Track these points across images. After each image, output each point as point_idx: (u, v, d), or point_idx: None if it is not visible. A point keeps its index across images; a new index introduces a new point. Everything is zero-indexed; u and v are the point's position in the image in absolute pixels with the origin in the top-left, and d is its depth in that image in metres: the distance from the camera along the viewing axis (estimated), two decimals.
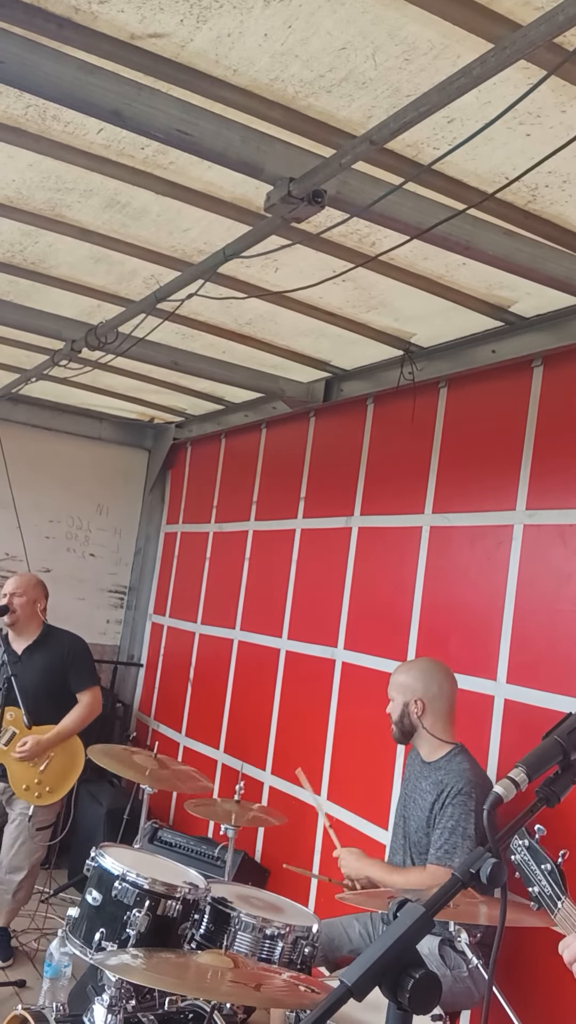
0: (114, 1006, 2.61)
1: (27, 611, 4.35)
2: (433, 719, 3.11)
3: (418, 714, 3.11)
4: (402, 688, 3.16)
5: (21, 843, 4.18)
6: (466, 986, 2.82)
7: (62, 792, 4.22)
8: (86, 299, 3.88)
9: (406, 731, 3.16)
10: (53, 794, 4.19)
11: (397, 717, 3.16)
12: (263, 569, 5.16)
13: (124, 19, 2.01)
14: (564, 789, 1.41)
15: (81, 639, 4.51)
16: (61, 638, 4.44)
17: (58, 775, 4.21)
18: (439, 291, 3.22)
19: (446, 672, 3.20)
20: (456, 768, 2.99)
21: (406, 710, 3.13)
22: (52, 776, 4.20)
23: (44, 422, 6.18)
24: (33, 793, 4.16)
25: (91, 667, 4.49)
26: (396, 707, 3.17)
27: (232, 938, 2.72)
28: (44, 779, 4.17)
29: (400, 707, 3.15)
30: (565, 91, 2.02)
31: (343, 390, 4.49)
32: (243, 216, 2.84)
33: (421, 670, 3.21)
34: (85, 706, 4.32)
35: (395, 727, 3.19)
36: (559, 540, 3.24)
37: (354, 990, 1.15)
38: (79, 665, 4.39)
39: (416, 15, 1.85)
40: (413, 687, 3.14)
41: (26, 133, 2.56)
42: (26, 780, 4.16)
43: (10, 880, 4.19)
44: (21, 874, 4.18)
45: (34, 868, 4.25)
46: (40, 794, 4.17)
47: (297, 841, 4.34)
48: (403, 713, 3.14)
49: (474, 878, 1.27)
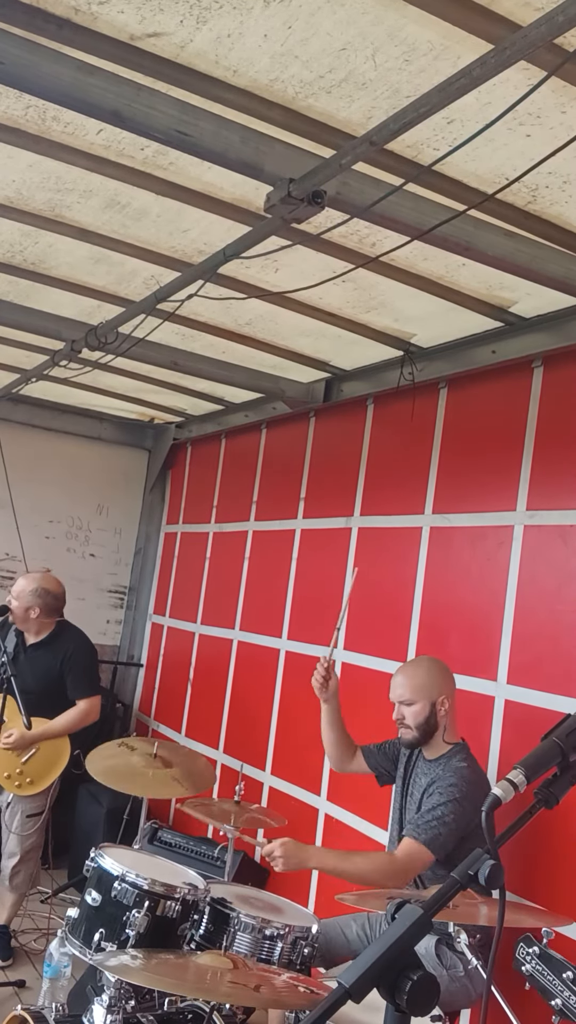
0: (113, 1006, 2.61)
1: (21, 616, 4.32)
2: (450, 716, 3.07)
3: (446, 711, 3.02)
4: (425, 689, 3.04)
5: (12, 831, 4.19)
6: (462, 985, 2.81)
7: (43, 785, 4.19)
8: (86, 299, 3.88)
9: (430, 732, 3.04)
10: (34, 786, 4.17)
11: (422, 719, 3.03)
12: (263, 569, 5.16)
13: (124, 20, 2.01)
14: (563, 791, 1.41)
15: (88, 645, 4.44)
16: (67, 642, 4.37)
17: (41, 768, 4.19)
18: (439, 292, 3.22)
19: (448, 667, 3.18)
20: (454, 766, 2.97)
21: (433, 710, 3.02)
22: (34, 768, 4.18)
23: (44, 422, 6.18)
24: (13, 782, 4.16)
25: (91, 676, 4.43)
26: (420, 709, 3.03)
27: (231, 939, 2.72)
28: (26, 770, 4.16)
29: (427, 708, 3.02)
30: (565, 92, 2.02)
31: (343, 390, 4.49)
32: (243, 217, 2.84)
33: (437, 667, 3.13)
34: (80, 712, 4.27)
35: (416, 731, 3.04)
36: (559, 541, 3.24)
37: (352, 992, 1.15)
38: (77, 673, 4.32)
39: (416, 16, 1.85)
40: (439, 685, 3.05)
41: (26, 134, 2.56)
42: (7, 769, 4.16)
43: (6, 866, 4.21)
44: (14, 859, 4.19)
45: (28, 854, 4.22)
46: (20, 784, 4.16)
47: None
48: (430, 714, 3.02)
49: (472, 880, 1.27)
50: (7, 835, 4.23)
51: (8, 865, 4.20)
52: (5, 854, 4.23)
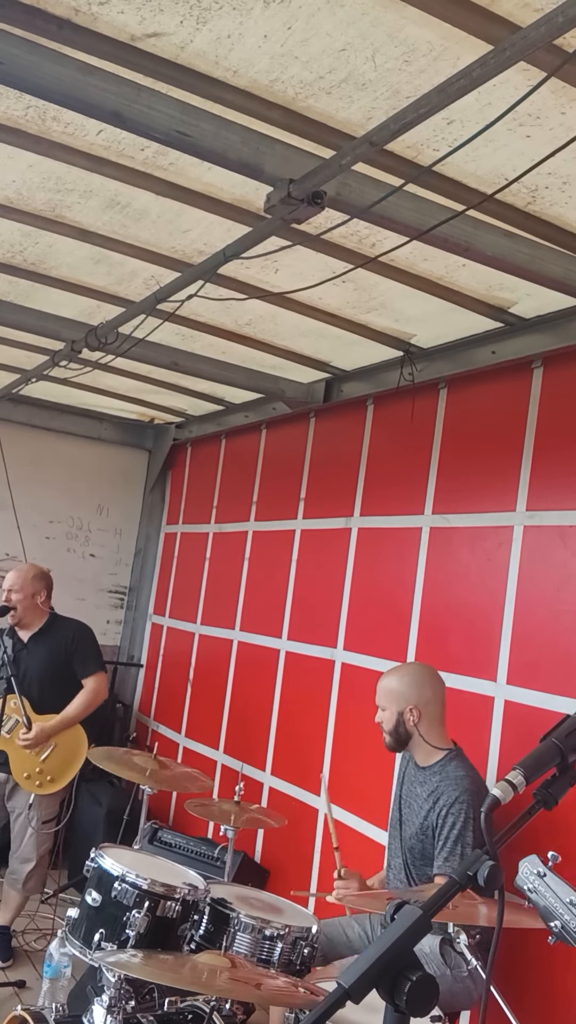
0: (113, 1007, 2.61)
1: (26, 605, 4.35)
2: (428, 725, 3.05)
3: (414, 722, 3.04)
4: (394, 697, 3.08)
5: (29, 836, 4.20)
6: (465, 986, 2.81)
7: (63, 782, 4.20)
8: (86, 300, 3.88)
9: (402, 740, 3.08)
10: (54, 783, 4.18)
11: (392, 727, 3.08)
12: (263, 570, 5.16)
13: (124, 20, 2.01)
14: (561, 791, 1.41)
15: (86, 626, 4.52)
16: (66, 625, 4.45)
17: (60, 765, 4.20)
18: (439, 292, 3.22)
19: (434, 675, 3.15)
20: (451, 775, 2.95)
21: (401, 719, 3.05)
22: (54, 765, 4.19)
23: (44, 422, 6.18)
24: (34, 782, 4.16)
25: (96, 653, 4.48)
26: (390, 716, 3.08)
27: (231, 939, 2.72)
28: (46, 768, 4.17)
29: (395, 716, 3.07)
30: (565, 93, 2.02)
31: (343, 391, 4.49)
32: (243, 217, 2.84)
33: (412, 676, 3.13)
34: (90, 692, 4.31)
35: (389, 736, 3.10)
36: (559, 541, 3.24)
37: (351, 992, 1.15)
38: (84, 651, 4.39)
39: (416, 17, 1.85)
40: (406, 695, 3.07)
41: (26, 134, 2.56)
42: (27, 769, 4.16)
43: (20, 870, 4.22)
44: (30, 865, 4.21)
45: (43, 859, 4.27)
46: (41, 783, 4.16)
47: (297, 841, 4.34)
48: (398, 722, 3.06)
49: (472, 880, 1.27)
50: (21, 839, 4.23)
51: (24, 870, 4.21)
52: (19, 858, 4.23)
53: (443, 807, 2.89)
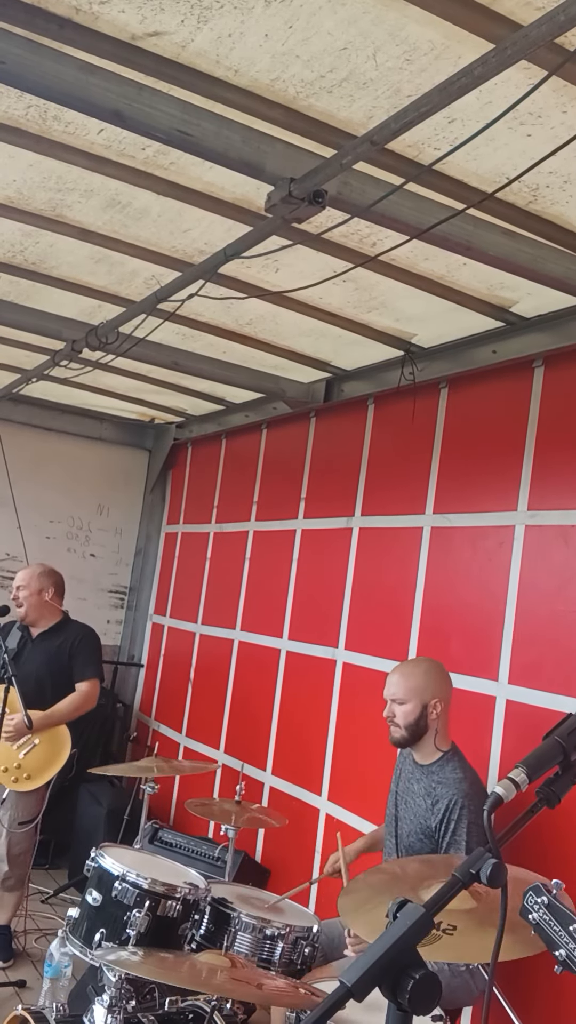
0: (114, 1006, 2.61)
1: (34, 602, 4.39)
2: (443, 720, 3.05)
3: (437, 715, 3.01)
4: (419, 690, 3.03)
5: (2, 836, 4.15)
6: (464, 980, 2.79)
7: (40, 781, 4.13)
8: (87, 299, 3.88)
9: (419, 734, 3.03)
10: (31, 781, 4.13)
11: (412, 720, 3.02)
12: (264, 569, 5.16)
13: (125, 19, 2.01)
14: (564, 789, 1.41)
15: (93, 631, 4.54)
16: (74, 628, 4.49)
17: (39, 763, 4.15)
18: (440, 291, 3.22)
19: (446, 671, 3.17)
20: (450, 776, 2.93)
21: (424, 712, 3.01)
22: (33, 763, 4.14)
23: (44, 422, 6.19)
24: (10, 777, 4.12)
25: (96, 659, 4.48)
26: (412, 709, 3.02)
27: (232, 938, 2.72)
28: (24, 764, 4.13)
29: (418, 709, 3.01)
30: (566, 91, 2.02)
31: (344, 390, 4.49)
32: (244, 216, 2.84)
33: (436, 670, 3.11)
34: (80, 695, 4.29)
35: (405, 731, 3.04)
36: (560, 540, 3.23)
37: (354, 991, 1.15)
38: (85, 654, 4.40)
39: (417, 15, 1.85)
40: (431, 688, 3.03)
41: (27, 133, 2.56)
42: (5, 762, 4.12)
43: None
44: (3, 865, 4.15)
45: (18, 859, 4.18)
46: (17, 779, 4.12)
47: (298, 841, 4.34)
48: (420, 715, 3.01)
49: (474, 879, 1.27)
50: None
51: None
52: None
53: (445, 813, 2.87)
